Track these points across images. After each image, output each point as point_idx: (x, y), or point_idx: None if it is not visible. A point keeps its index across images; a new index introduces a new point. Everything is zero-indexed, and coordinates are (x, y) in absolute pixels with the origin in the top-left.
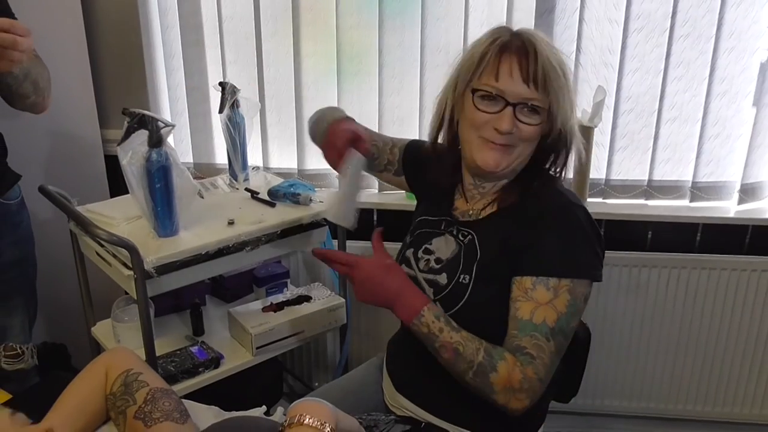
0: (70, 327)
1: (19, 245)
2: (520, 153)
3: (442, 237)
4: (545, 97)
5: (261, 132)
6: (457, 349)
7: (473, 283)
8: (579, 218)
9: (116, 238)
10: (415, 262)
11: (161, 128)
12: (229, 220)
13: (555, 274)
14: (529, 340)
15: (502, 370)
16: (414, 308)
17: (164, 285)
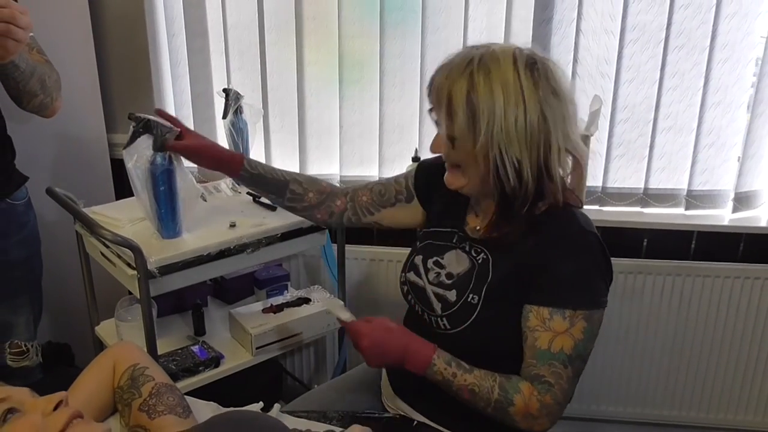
0: (74, 326)
1: (26, 245)
2: (468, 174)
3: (453, 251)
4: (444, 119)
5: (264, 138)
6: (474, 390)
7: (482, 304)
8: (593, 247)
9: (120, 239)
10: (424, 272)
11: (165, 133)
12: (231, 222)
13: (571, 306)
14: (547, 368)
15: (519, 402)
16: (424, 360)
17: (167, 285)
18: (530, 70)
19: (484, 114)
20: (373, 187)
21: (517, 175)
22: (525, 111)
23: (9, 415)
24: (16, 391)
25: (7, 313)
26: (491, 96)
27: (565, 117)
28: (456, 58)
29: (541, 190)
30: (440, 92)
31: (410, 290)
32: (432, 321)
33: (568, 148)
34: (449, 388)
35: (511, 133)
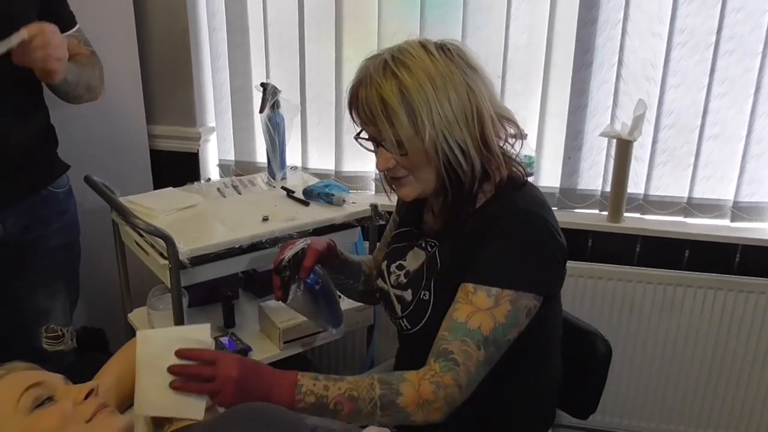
0: (108, 312)
1: (65, 232)
2: (422, 178)
3: (413, 250)
4: (385, 128)
5: (301, 133)
6: (352, 395)
7: (433, 299)
8: (531, 227)
9: (153, 229)
10: (387, 276)
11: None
12: (264, 216)
13: (496, 283)
14: (458, 345)
15: (407, 390)
16: (290, 382)
17: (198, 276)
18: (442, 51)
19: (421, 107)
20: (383, 245)
21: (465, 157)
22: (455, 90)
23: (47, 401)
24: (51, 376)
25: (44, 299)
26: (421, 87)
27: (486, 84)
28: (369, 67)
29: (486, 167)
30: (371, 103)
31: (380, 296)
32: (398, 324)
33: (498, 111)
34: (326, 408)
35: (450, 117)
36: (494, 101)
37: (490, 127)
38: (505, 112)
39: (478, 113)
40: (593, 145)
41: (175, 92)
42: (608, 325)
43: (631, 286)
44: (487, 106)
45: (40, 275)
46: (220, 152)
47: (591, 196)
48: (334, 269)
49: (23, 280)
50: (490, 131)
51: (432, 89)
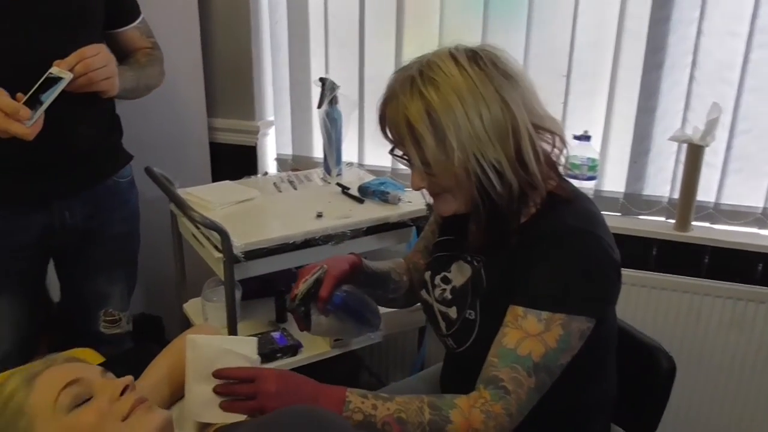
0: (165, 301)
1: (127, 221)
2: (457, 197)
3: (457, 263)
4: (412, 151)
5: (358, 129)
6: (401, 418)
7: (480, 319)
8: (584, 246)
9: (209, 222)
10: (431, 289)
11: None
12: (318, 212)
13: (547, 307)
14: (508, 372)
15: (457, 418)
16: (337, 400)
17: (251, 270)
18: (474, 62)
19: (449, 128)
20: (419, 247)
21: (500, 178)
22: (487, 105)
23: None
24: (88, 370)
25: (104, 284)
26: (449, 106)
27: (524, 95)
28: (395, 84)
29: (523, 187)
30: (397, 124)
31: (424, 309)
32: (443, 341)
33: (536, 123)
34: (374, 427)
35: (481, 135)
36: (535, 111)
37: (527, 143)
38: (547, 123)
39: (514, 129)
40: (662, 150)
41: (236, 85)
42: (671, 340)
43: (698, 299)
44: (523, 120)
45: (101, 261)
46: (278, 146)
47: (657, 203)
48: (360, 285)
49: (85, 265)
50: (527, 147)
51: (461, 107)
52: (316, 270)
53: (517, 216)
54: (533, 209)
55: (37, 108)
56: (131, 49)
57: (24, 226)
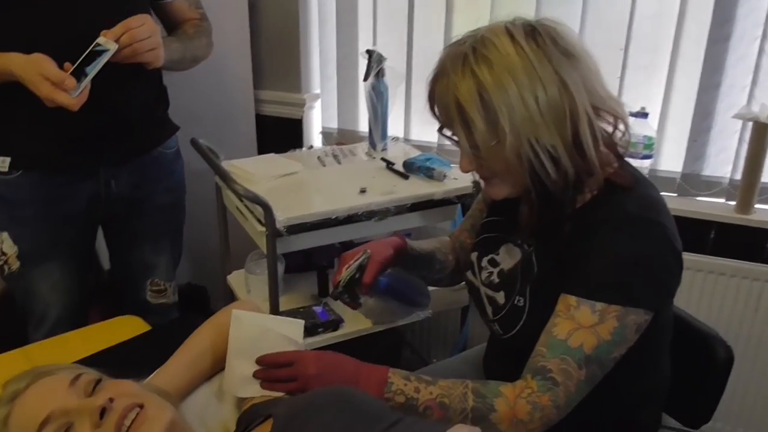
0: (210, 272)
1: (172, 192)
2: (509, 182)
3: (507, 245)
4: (461, 134)
5: (405, 103)
6: (443, 403)
7: (529, 306)
8: (644, 235)
9: (252, 195)
10: (478, 271)
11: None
12: (362, 188)
13: (602, 298)
14: (557, 363)
15: (502, 407)
16: (379, 381)
17: (293, 244)
18: (532, 38)
19: (502, 110)
20: (466, 226)
21: (555, 164)
22: (543, 87)
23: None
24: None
25: (150, 254)
26: (502, 86)
27: (584, 75)
28: (446, 61)
29: (579, 174)
30: (446, 104)
31: (469, 290)
32: (488, 326)
33: (597, 105)
34: (415, 410)
35: (536, 119)
36: (596, 93)
37: (585, 128)
38: (609, 105)
39: (572, 112)
40: (724, 128)
41: (283, 58)
42: (729, 327)
43: (758, 285)
44: (582, 102)
45: (147, 232)
46: (324, 120)
47: (717, 184)
48: (405, 267)
49: (131, 235)
50: (585, 132)
51: (515, 88)
52: (359, 256)
53: (572, 203)
54: (589, 195)
55: (82, 79)
56: (179, 20)
57: (71, 194)
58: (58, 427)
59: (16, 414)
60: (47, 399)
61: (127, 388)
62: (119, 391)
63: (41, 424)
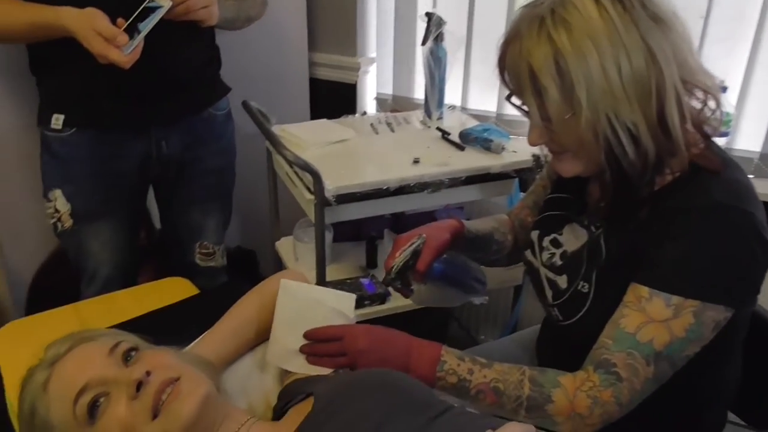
0: (260, 236)
1: (222, 155)
2: (582, 159)
3: (571, 225)
4: (532, 104)
5: (464, 69)
6: (497, 388)
7: (593, 293)
8: (731, 226)
9: (302, 162)
10: (539, 251)
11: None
12: (415, 158)
13: (679, 291)
14: (623, 357)
15: (560, 398)
16: (432, 358)
17: (342, 214)
18: (618, 0)
19: (579, 80)
20: (527, 202)
21: (634, 143)
22: (627, 57)
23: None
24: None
25: (199, 217)
26: (582, 54)
27: (675, 45)
28: (520, 23)
29: (661, 155)
30: (518, 70)
31: (528, 271)
32: (546, 310)
33: (686, 78)
34: (467, 393)
35: (617, 92)
36: (687, 64)
37: (672, 104)
38: (699, 78)
39: (658, 86)
40: None
41: (339, 19)
42: None
43: None
44: (672, 75)
45: (196, 194)
46: (379, 85)
47: None
48: (461, 250)
49: (181, 197)
50: (671, 109)
51: (596, 56)
52: (414, 240)
53: (650, 185)
54: (670, 177)
55: (135, 36)
56: None
57: (123, 153)
58: (96, 396)
59: (54, 379)
60: (85, 367)
61: (165, 359)
62: (156, 363)
63: (79, 393)
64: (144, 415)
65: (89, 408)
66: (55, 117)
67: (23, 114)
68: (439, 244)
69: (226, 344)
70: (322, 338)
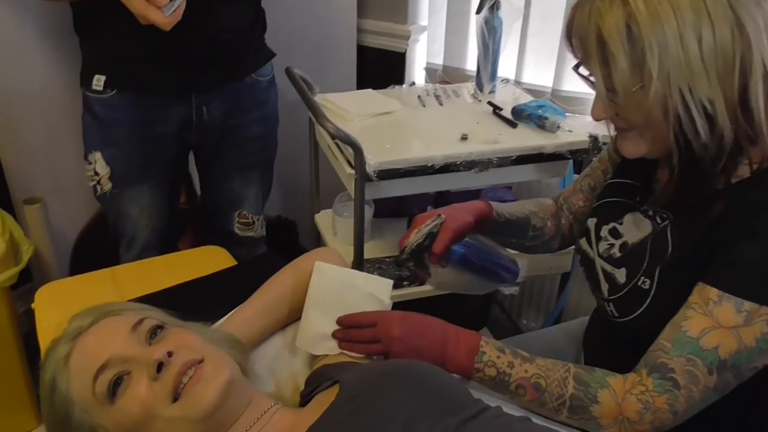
0: (300, 207)
1: (264, 123)
2: (649, 138)
3: (633, 214)
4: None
5: (519, 41)
6: (539, 384)
7: (655, 291)
8: None
9: (343, 134)
10: (595, 241)
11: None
12: (463, 134)
13: (754, 296)
14: (682, 363)
15: (606, 400)
16: (470, 347)
17: (384, 191)
18: None
19: (652, 49)
20: (582, 186)
21: (709, 123)
22: (711, 26)
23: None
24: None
25: (239, 186)
26: (658, 20)
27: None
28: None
29: (740, 140)
30: (586, 35)
31: (582, 260)
32: (600, 304)
33: None
34: (506, 387)
35: (694, 64)
36: None
37: (757, 82)
38: None
39: (743, 61)
40: None
41: None
42: None
43: None
44: (761, 49)
45: (237, 162)
46: (429, 55)
47: None
48: (490, 235)
49: (221, 164)
50: (756, 88)
51: (675, 24)
52: (431, 220)
53: (726, 175)
54: (750, 168)
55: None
56: None
57: (163, 118)
58: (116, 374)
59: (76, 354)
60: (107, 343)
61: (189, 339)
62: (179, 343)
63: (99, 369)
64: (164, 397)
65: (110, 386)
66: (97, 78)
67: (68, 74)
68: (459, 226)
69: (256, 322)
70: (355, 324)
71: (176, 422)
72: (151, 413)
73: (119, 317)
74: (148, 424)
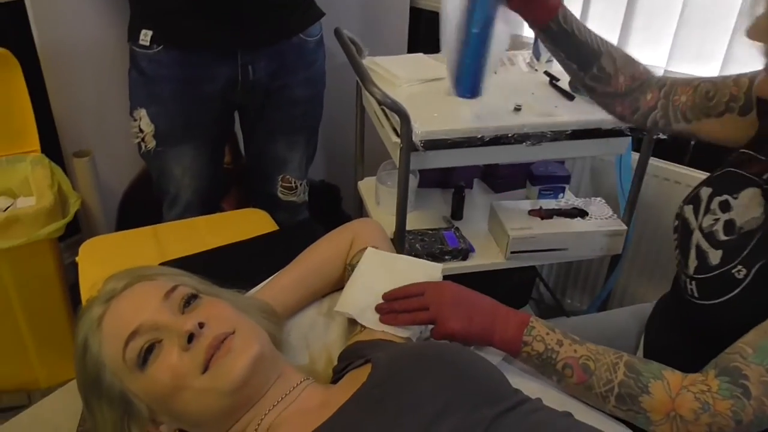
0: (345, 172)
1: (310, 84)
2: None
3: (752, 190)
4: None
5: (582, 6)
6: (587, 366)
7: (749, 283)
8: None
9: (390, 101)
10: (703, 212)
11: None
12: (516, 105)
13: None
14: (759, 371)
15: (658, 391)
16: (519, 320)
17: (430, 161)
18: None
19: None
20: (699, 85)
21: None
22: None
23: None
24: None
25: (283, 149)
26: None
27: None
28: None
29: None
30: None
31: (679, 228)
32: (681, 279)
33: None
34: (552, 366)
35: None
36: None
37: None
38: None
39: None
40: None
41: None
42: None
43: None
44: None
45: (282, 124)
46: None
47: None
48: (547, 36)
49: (265, 126)
50: None
51: None
52: None
53: None
54: None
55: None
56: None
57: (209, 76)
58: (148, 342)
59: (109, 316)
60: (139, 309)
61: (221, 310)
62: (212, 314)
63: (130, 335)
64: (194, 368)
65: (142, 354)
66: (144, 33)
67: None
68: None
69: (293, 292)
70: (403, 296)
71: (205, 393)
72: (182, 383)
73: (153, 282)
74: (177, 395)
